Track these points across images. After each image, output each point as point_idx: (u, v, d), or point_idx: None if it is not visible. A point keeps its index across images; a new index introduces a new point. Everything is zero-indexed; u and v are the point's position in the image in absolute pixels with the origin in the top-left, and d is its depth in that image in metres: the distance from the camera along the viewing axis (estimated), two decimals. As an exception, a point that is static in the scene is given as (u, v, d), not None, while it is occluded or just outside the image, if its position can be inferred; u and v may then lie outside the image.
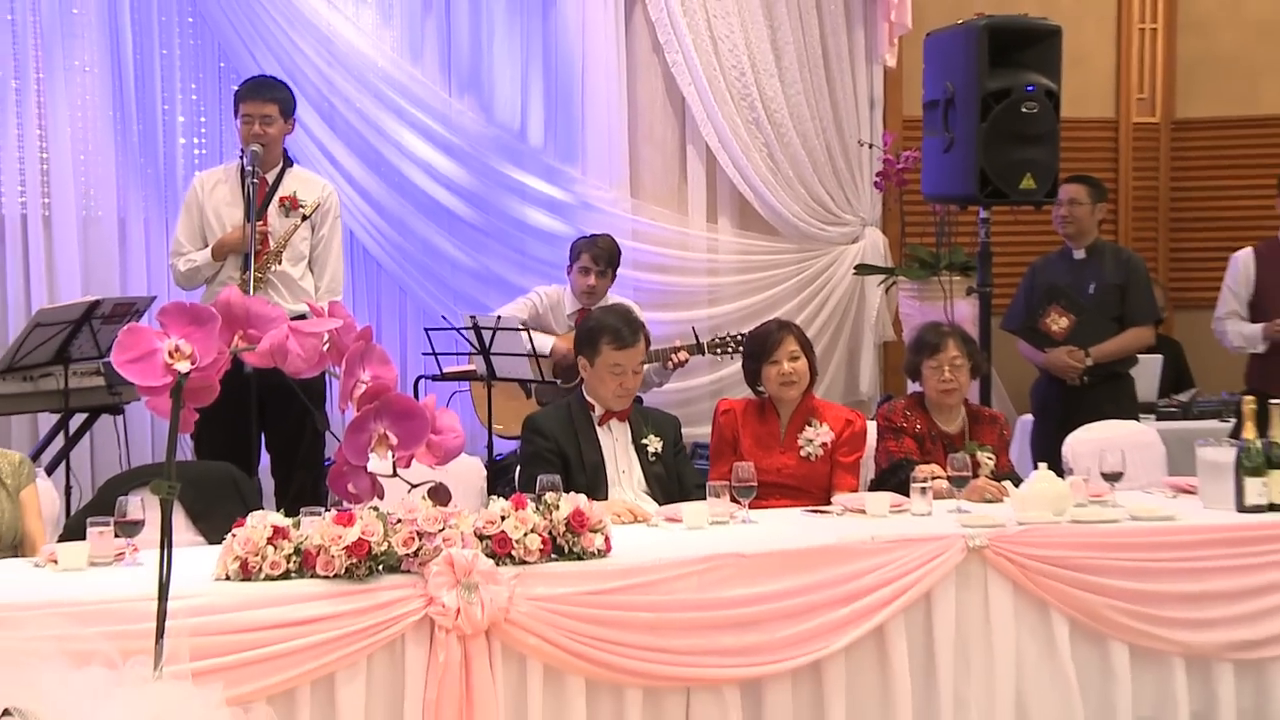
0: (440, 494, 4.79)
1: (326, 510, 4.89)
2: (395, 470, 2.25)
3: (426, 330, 8.16)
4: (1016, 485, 5.93)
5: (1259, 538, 5.66)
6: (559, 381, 7.63)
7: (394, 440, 2.23)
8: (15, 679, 1.98)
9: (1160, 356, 8.81)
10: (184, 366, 2.03)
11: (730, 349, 7.45)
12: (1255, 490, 5.77)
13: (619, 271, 8.40)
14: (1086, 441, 6.85)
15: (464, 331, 7.83)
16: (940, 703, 5.34)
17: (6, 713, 2.00)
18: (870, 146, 9.43)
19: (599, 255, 7.94)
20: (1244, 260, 8.04)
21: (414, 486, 4.89)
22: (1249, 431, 5.84)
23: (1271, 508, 5.75)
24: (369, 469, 2.26)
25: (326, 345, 2.15)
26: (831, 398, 8.80)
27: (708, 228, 9.32)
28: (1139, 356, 8.17)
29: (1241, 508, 5.76)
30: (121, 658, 2.09)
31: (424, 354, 8.19)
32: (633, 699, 5.03)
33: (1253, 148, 9.88)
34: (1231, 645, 5.59)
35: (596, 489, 5.82)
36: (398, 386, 8.63)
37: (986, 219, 8.09)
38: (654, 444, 6.09)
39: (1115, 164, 10.18)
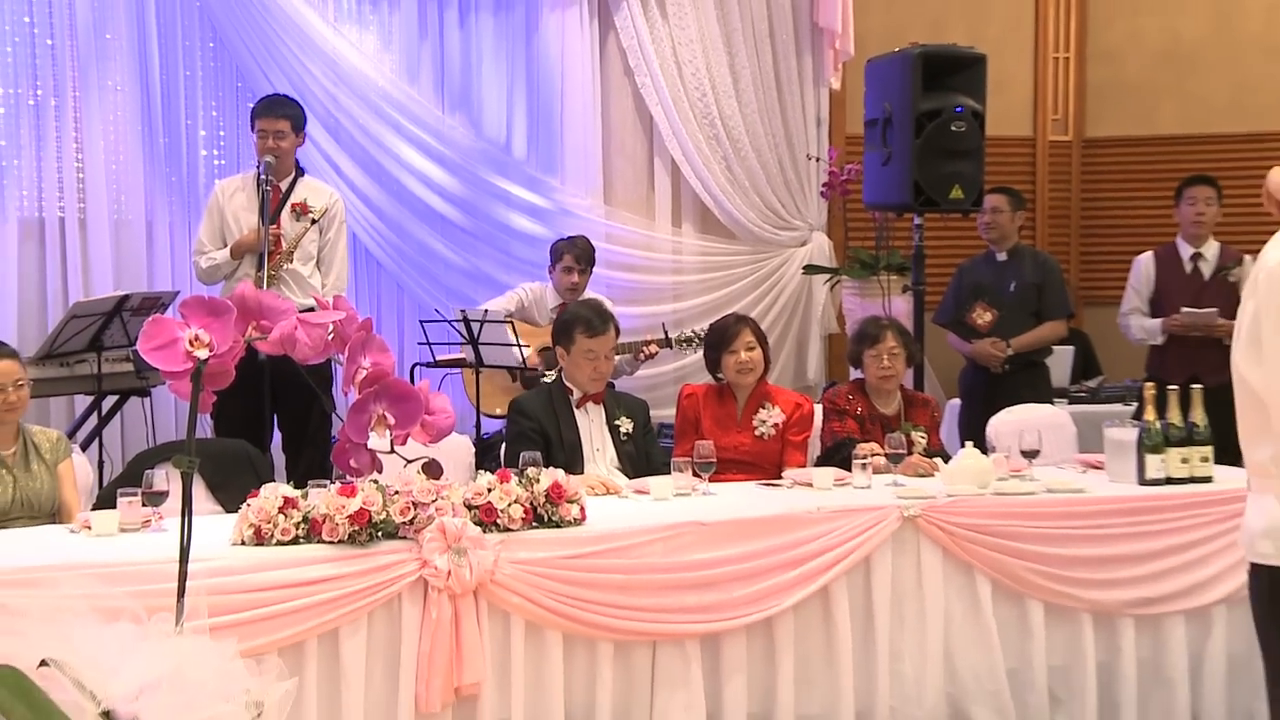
0: (433, 469, 4.81)
1: (332, 483, 4.88)
2: (392, 447, 2.22)
3: (421, 322, 8.15)
4: (946, 461, 5.99)
5: (1158, 507, 5.69)
6: (540, 369, 7.59)
7: (391, 420, 2.20)
8: (51, 633, 1.95)
9: (1072, 347, 8.86)
10: (203, 354, 2.00)
11: (694, 343, 7.43)
12: (1155, 465, 5.80)
13: (599, 270, 8.43)
14: (1007, 423, 6.88)
15: (454, 324, 7.82)
16: (878, 654, 5.35)
17: (44, 663, 1.97)
18: (817, 160, 9.42)
19: (580, 255, 7.93)
20: (1145, 263, 8.07)
21: (409, 462, 4.88)
22: (1149, 414, 5.86)
23: (1169, 481, 5.78)
24: (369, 446, 2.23)
25: (331, 335, 2.11)
26: (782, 383, 8.78)
27: (672, 232, 9.31)
28: (1053, 347, 8.20)
29: (1143, 481, 5.79)
30: (146, 614, 2.06)
31: (419, 343, 8.18)
32: (604, 652, 5.03)
33: (1153, 163, 9.89)
34: (1133, 602, 5.61)
35: (574, 464, 5.81)
36: (395, 372, 8.68)
37: (920, 225, 8.11)
38: (625, 425, 6.09)
39: (1033, 177, 10.19)
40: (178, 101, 8.39)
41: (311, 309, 7.00)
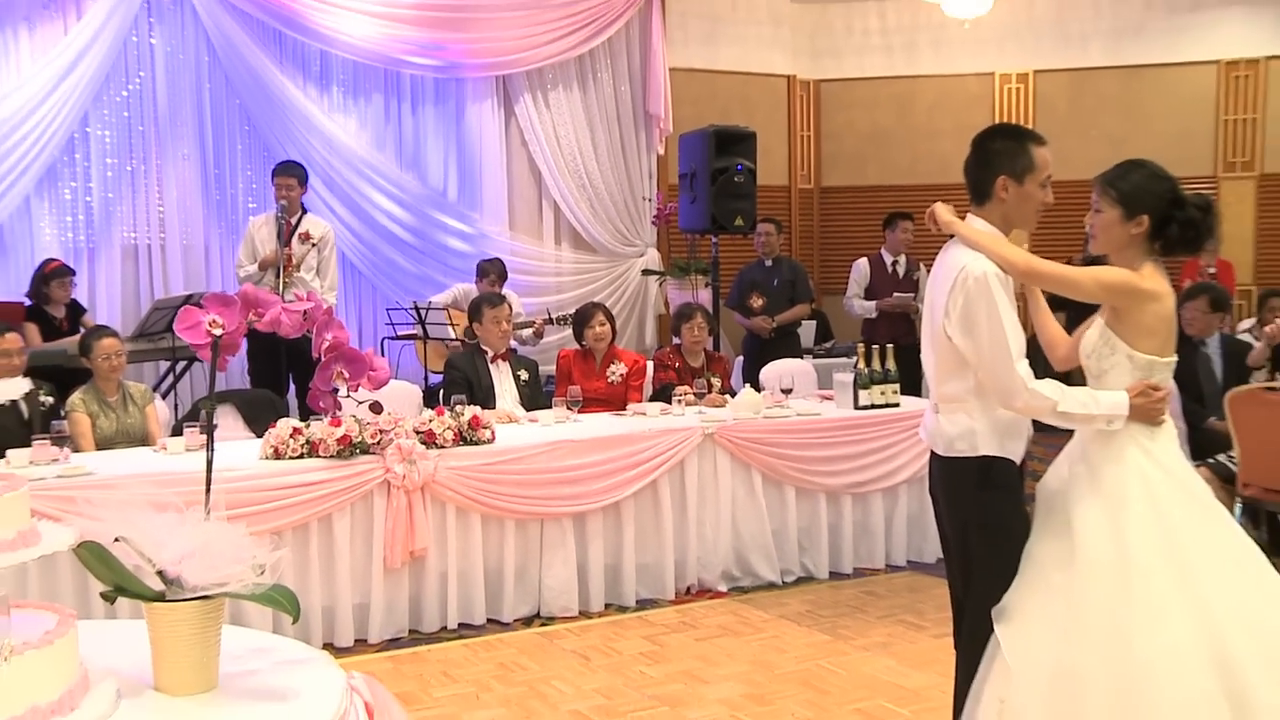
0: (376, 407, 4.82)
1: (323, 419, 4.82)
2: (349, 393, 2.18)
3: (388, 309, 8.06)
4: (733, 396, 5.99)
5: (866, 423, 5.79)
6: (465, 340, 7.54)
7: (346, 375, 2.15)
8: (120, 518, 1.90)
9: (815, 321, 8.93)
10: (218, 331, 1.94)
11: (567, 321, 7.40)
12: (864, 397, 5.90)
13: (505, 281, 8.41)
14: (772, 371, 6.88)
15: (409, 311, 7.73)
16: (689, 524, 5.39)
17: (117, 539, 1.93)
18: (649, 200, 9.38)
19: (498, 274, 7.78)
20: (862, 266, 8.18)
21: (360, 403, 4.86)
22: (861, 364, 5.95)
23: (873, 406, 5.88)
24: (334, 392, 2.19)
25: (305, 318, 2.06)
26: (629, 348, 8.76)
27: (555, 248, 9.21)
28: (803, 322, 8.25)
29: (857, 407, 5.88)
30: (185, 506, 2.01)
31: (386, 324, 8.07)
32: (509, 527, 5.02)
33: (864, 204, 10.04)
34: (850, 485, 5.71)
35: (488, 402, 5.75)
36: (351, 342, 8.60)
37: (716, 242, 8.12)
38: (524, 375, 6.03)
39: (789, 211, 10.25)
40: (225, 166, 8.15)
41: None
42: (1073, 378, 2.99)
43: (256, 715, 1.88)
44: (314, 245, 7.16)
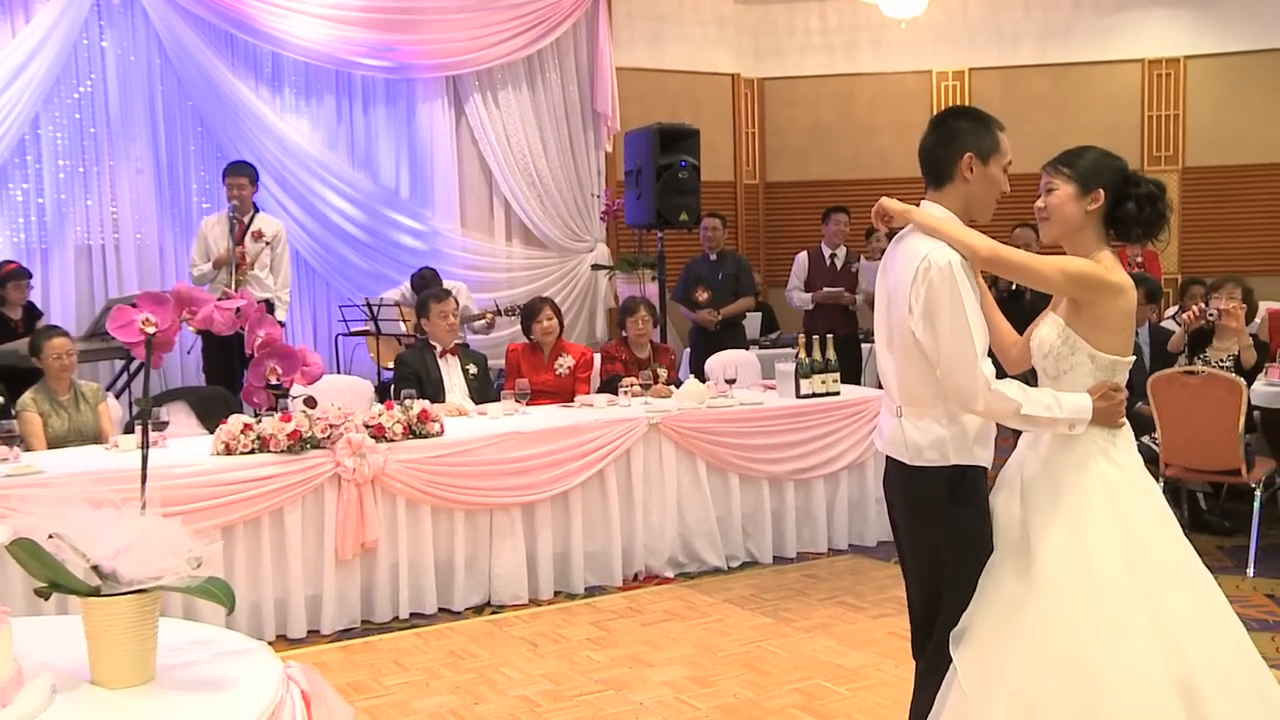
0: (310, 402, 4.81)
1: (274, 414, 4.78)
2: (282, 387, 2.17)
3: (340, 307, 8.00)
4: (679, 387, 6.00)
5: (807, 411, 5.81)
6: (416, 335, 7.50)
7: (280, 371, 2.13)
8: (56, 515, 1.88)
9: (760, 313, 8.95)
10: (151, 330, 1.91)
11: (516, 314, 7.38)
12: (806, 385, 5.91)
13: (458, 270, 8.44)
14: (716, 362, 6.90)
15: (362, 307, 7.68)
16: (635, 512, 5.39)
17: (51, 536, 1.91)
18: (598, 196, 9.37)
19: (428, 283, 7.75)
20: (801, 258, 8.22)
21: (295, 398, 4.86)
22: (802, 354, 5.98)
23: (813, 395, 5.90)
24: (268, 388, 2.17)
25: (238, 316, 2.05)
26: (580, 341, 8.76)
27: (506, 244, 9.16)
28: (748, 314, 8.27)
29: (798, 395, 5.89)
30: (121, 503, 1.98)
31: (339, 321, 8.01)
32: (459, 518, 5.00)
33: (807, 199, 10.06)
34: (793, 471, 5.74)
35: (438, 396, 5.73)
36: (305, 338, 8.46)
37: (661, 237, 8.11)
38: (473, 369, 6.00)
39: (735, 206, 10.28)
40: (178, 166, 8.03)
41: (269, 301, 6.98)
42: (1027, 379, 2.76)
43: (192, 706, 1.87)
44: (267, 243, 7.11)
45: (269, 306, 7.08)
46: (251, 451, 4.68)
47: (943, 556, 2.65)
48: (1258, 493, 5.38)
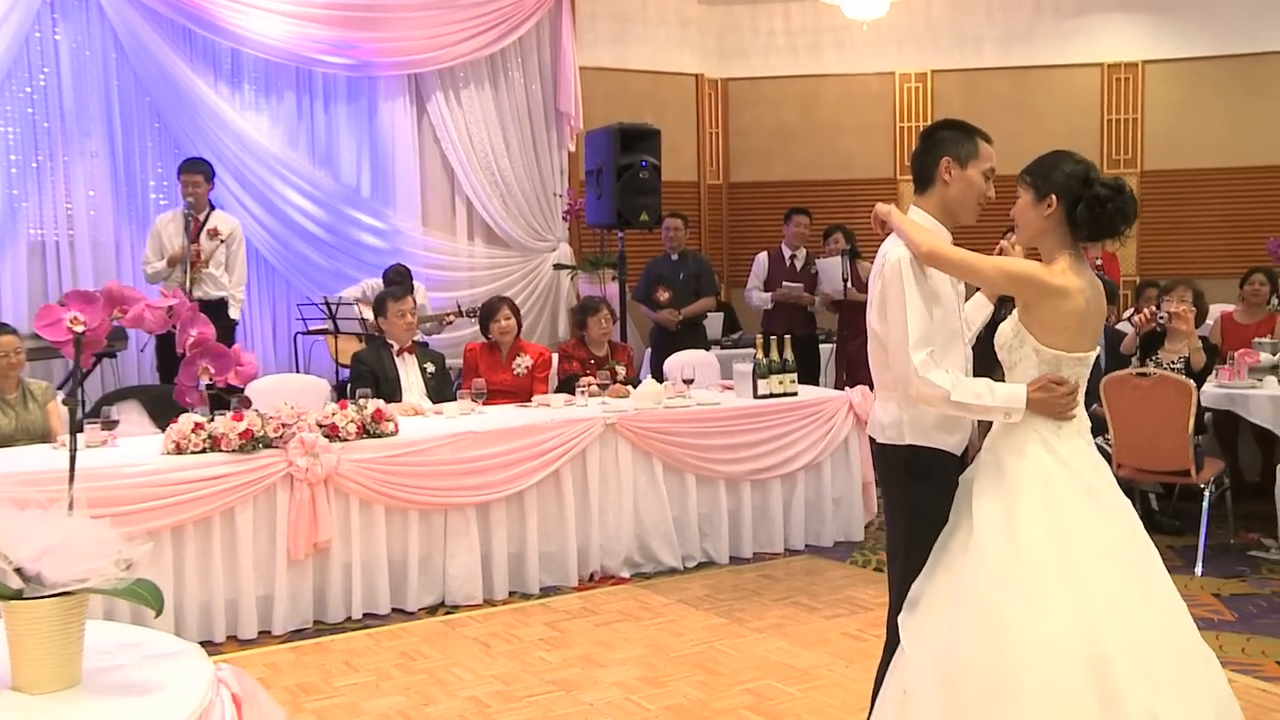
0: (246, 402, 4.81)
1: (225, 414, 4.75)
2: (215, 386, 2.15)
3: (298, 305, 7.96)
4: (636, 386, 5.98)
5: (764, 411, 5.82)
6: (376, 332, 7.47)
7: (212, 370, 2.11)
8: None
9: (722, 313, 8.95)
10: (79, 329, 1.89)
11: (475, 314, 7.35)
12: (764, 386, 5.92)
13: (420, 269, 8.38)
14: (675, 362, 6.91)
15: (320, 306, 7.63)
16: (591, 512, 5.38)
17: None
18: (560, 196, 9.34)
19: (401, 279, 7.73)
20: (761, 259, 8.23)
21: (230, 397, 4.84)
22: (760, 354, 5.99)
23: (771, 395, 5.91)
24: (198, 387, 2.15)
25: (171, 315, 2.02)
26: (542, 341, 8.77)
27: (468, 243, 9.12)
28: (709, 314, 8.27)
29: (756, 396, 5.90)
30: (48, 504, 1.96)
31: (298, 319, 7.96)
32: (413, 518, 4.98)
33: (771, 199, 10.05)
34: (750, 472, 5.75)
35: (395, 395, 5.70)
36: (264, 338, 8.37)
37: (622, 237, 8.10)
38: (430, 368, 5.98)
39: (698, 207, 10.27)
40: (134, 162, 7.93)
41: (223, 300, 6.93)
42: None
43: (116, 711, 1.84)
44: (222, 241, 7.05)
45: (223, 305, 7.04)
46: (203, 451, 4.64)
47: (898, 525, 2.94)
48: (1206, 493, 5.45)
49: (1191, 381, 5.34)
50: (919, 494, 2.87)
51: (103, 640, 2.08)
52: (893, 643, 2.89)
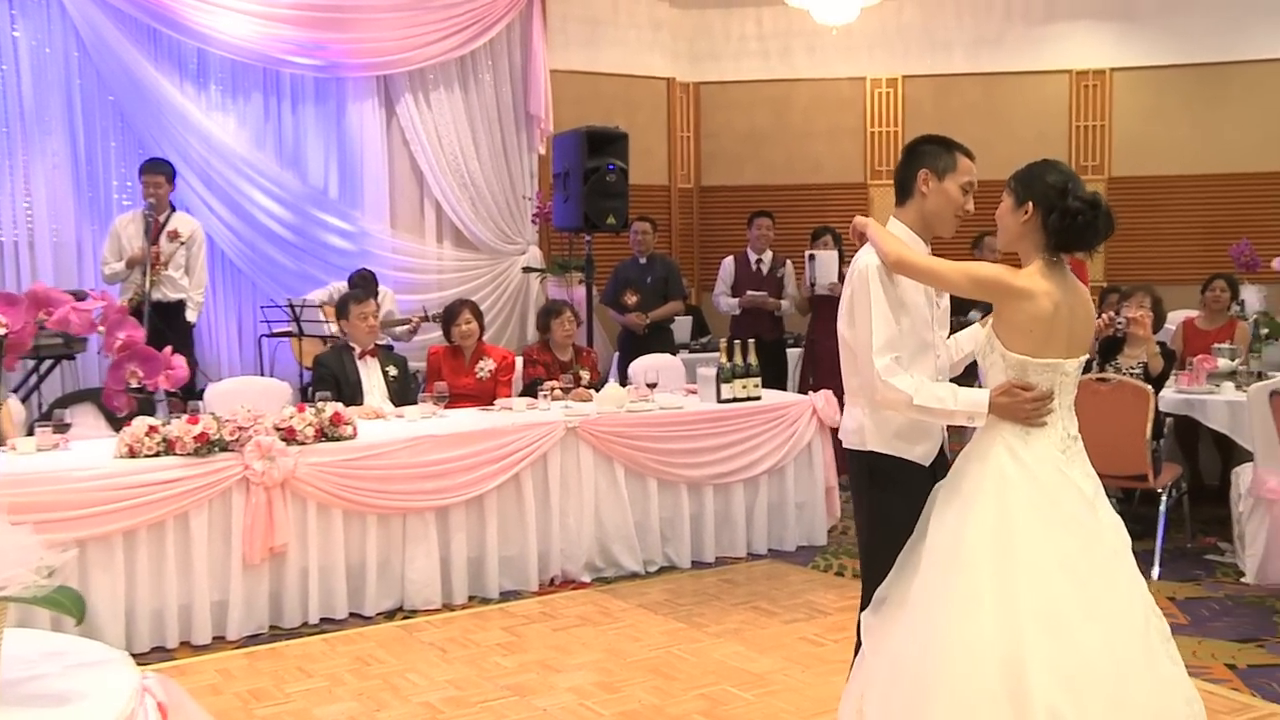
0: (178, 405, 4.76)
1: (180, 418, 4.71)
2: (143, 389, 2.12)
3: (262, 307, 7.90)
4: (599, 390, 5.97)
5: (727, 416, 5.81)
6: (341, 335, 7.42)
7: (140, 374, 2.09)
8: None
9: (691, 317, 8.93)
10: (1, 331, 1.86)
11: (439, 318, 7.31)
12: (728, 390, 5.92)
13: (388, 271, 8.37)
14: (640, 365, 6.83)
15: (285, 308, 7.58)
16: (552, 516, 5.36)
17: None
18: (529, 199, 9.32)
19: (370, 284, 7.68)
20: (728, 263, 8.22)
21: (178, 400, 4.80)
22: (724, 358, 5.99)
23: (735, 400, 5.91)
24: (127, 391, 2.12)
25: (99, 318, 2.00)
26: (510, 345, 8.75)
27: (437, 246, 9.07)
28: (678, 318, 8.26)
29: (719, 400, 5.90)
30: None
31: (261, 321, 7.91)
32: (371, 522, 4.94)
33: (742, 203, 10.02)
34: (712, 476, 5.74)
35: (356, 398, 5.67)
36: (229, 340, 8.29)
37: (590, 240, 8.09)
38: (392, 371, 5.94)
39: (669, 210, 10.27)
40: (97, 163, 7.85)
41: (181, 302, 6.87)
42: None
43: (31, 721, 1.82)
44: (182, 243, 7.01)
45: (181, 307, 6.99)
46: (157, 454, 4.59)
47: (862, 528, 3.03)
48: (1163, 497, 5.47)
49: (1149, 387, 5.37)
50: (881, 501, 2.94)
51: (26, 649, 2.05)
52: (858, 643, 3.00)
